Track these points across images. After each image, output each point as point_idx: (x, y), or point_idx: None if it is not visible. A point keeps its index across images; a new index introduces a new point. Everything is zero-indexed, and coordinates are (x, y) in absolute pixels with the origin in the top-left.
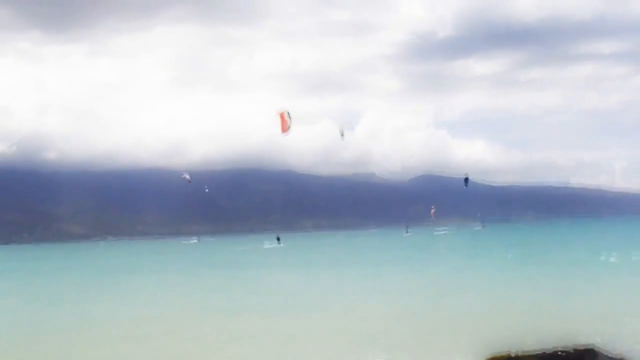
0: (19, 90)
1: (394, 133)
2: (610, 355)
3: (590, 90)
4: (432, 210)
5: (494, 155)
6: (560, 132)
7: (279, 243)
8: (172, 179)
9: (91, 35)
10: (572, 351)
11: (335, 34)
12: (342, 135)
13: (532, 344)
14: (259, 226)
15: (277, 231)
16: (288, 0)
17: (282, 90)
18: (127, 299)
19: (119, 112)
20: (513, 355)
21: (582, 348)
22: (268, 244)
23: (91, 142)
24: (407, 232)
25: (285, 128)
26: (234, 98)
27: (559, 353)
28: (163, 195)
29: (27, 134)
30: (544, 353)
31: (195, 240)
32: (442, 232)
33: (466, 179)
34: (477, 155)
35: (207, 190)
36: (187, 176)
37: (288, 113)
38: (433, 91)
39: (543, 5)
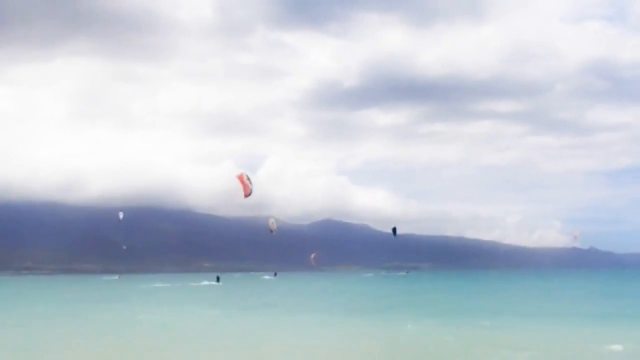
0: None
1: (296, 178)
2: None
3: (488, 146)
4: (313, 256)
5: (393, 205)
6: (458, 186)
7: (219, 282)
8: (66, 214)
9: None
10: None
11: (242, 77)
12: (272, 231)
13: None
14: (156, 266)
15: (174, 272)
16: (195, 41)
17: (186, 130)
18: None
19: (13, 142)
20: None
21: None
22: (207, 282)
23: None
24: (274, 275)
25: (247, 191)
26: (136, 135)
27: None
28: (56, 230)
29: None
30: None
31: (117, 277)
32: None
33: (394, 229)
34: (377, 204)
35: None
36: (121, 215)
37: (247, 176)
38: (336, 139)
39: (446, 62)
